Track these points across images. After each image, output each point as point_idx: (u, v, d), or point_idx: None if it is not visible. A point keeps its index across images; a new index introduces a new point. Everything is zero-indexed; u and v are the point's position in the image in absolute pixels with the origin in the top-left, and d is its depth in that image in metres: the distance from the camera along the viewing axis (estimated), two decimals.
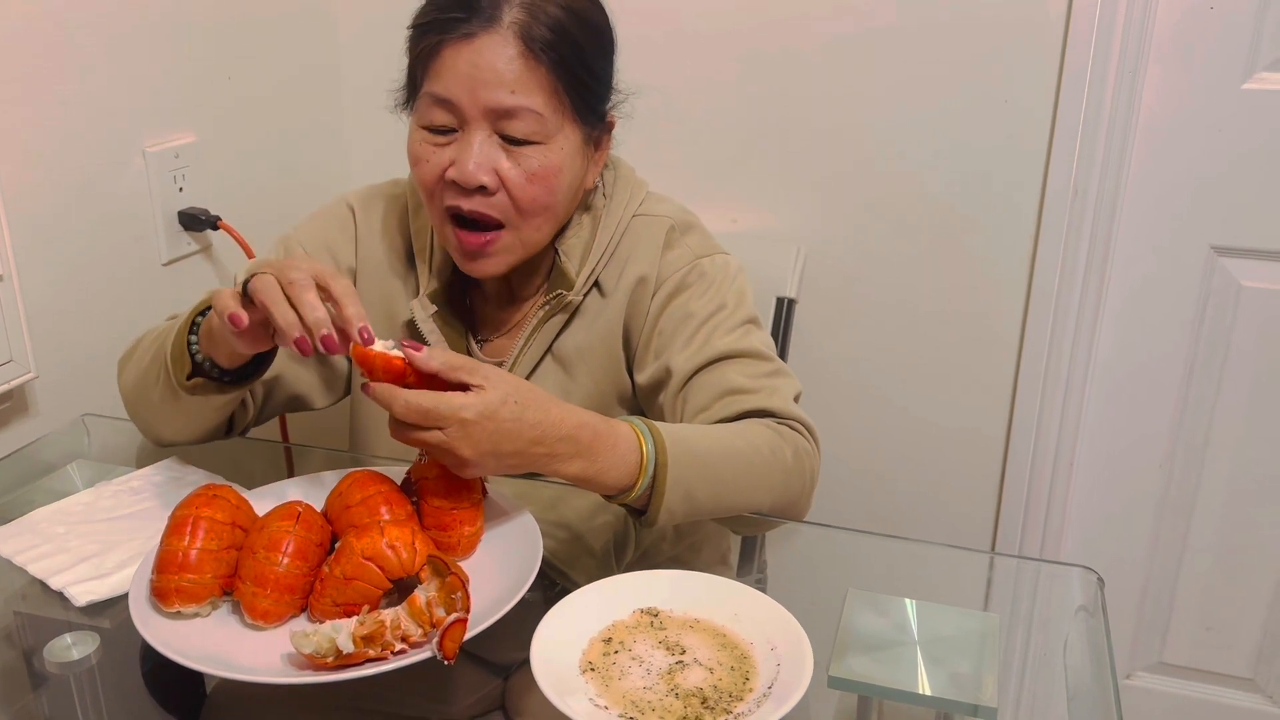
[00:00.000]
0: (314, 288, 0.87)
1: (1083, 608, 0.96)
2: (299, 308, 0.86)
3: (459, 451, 0.84)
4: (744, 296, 1.14)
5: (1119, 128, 1.50)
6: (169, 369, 1.01)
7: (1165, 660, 1.79)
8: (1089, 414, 1.68)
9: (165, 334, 1.04)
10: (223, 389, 1.03)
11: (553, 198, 1.05)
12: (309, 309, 0.86)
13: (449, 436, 0.84)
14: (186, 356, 1.01)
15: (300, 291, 0.86)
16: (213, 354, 1.00)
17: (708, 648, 0.81)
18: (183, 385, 1.01)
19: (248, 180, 1.58)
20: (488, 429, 0.84)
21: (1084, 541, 1.76)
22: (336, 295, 0.87)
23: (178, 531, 0.85)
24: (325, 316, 0.86)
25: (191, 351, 1.01)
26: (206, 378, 1.01)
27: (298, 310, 0.86)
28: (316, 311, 0.86)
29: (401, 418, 0.83)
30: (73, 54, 1.27)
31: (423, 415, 0.83)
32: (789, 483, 1.02)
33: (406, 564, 0.82)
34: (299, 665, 0.78)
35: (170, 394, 1.02)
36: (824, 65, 1.59)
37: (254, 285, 0.88)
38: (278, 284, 0.87)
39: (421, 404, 0.83)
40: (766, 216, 1.69)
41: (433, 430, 0.84)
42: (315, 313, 0.86)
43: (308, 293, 0.86)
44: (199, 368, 1.01)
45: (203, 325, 1.00)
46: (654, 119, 1.22)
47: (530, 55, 1.00)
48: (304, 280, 0.87)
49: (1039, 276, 1.59)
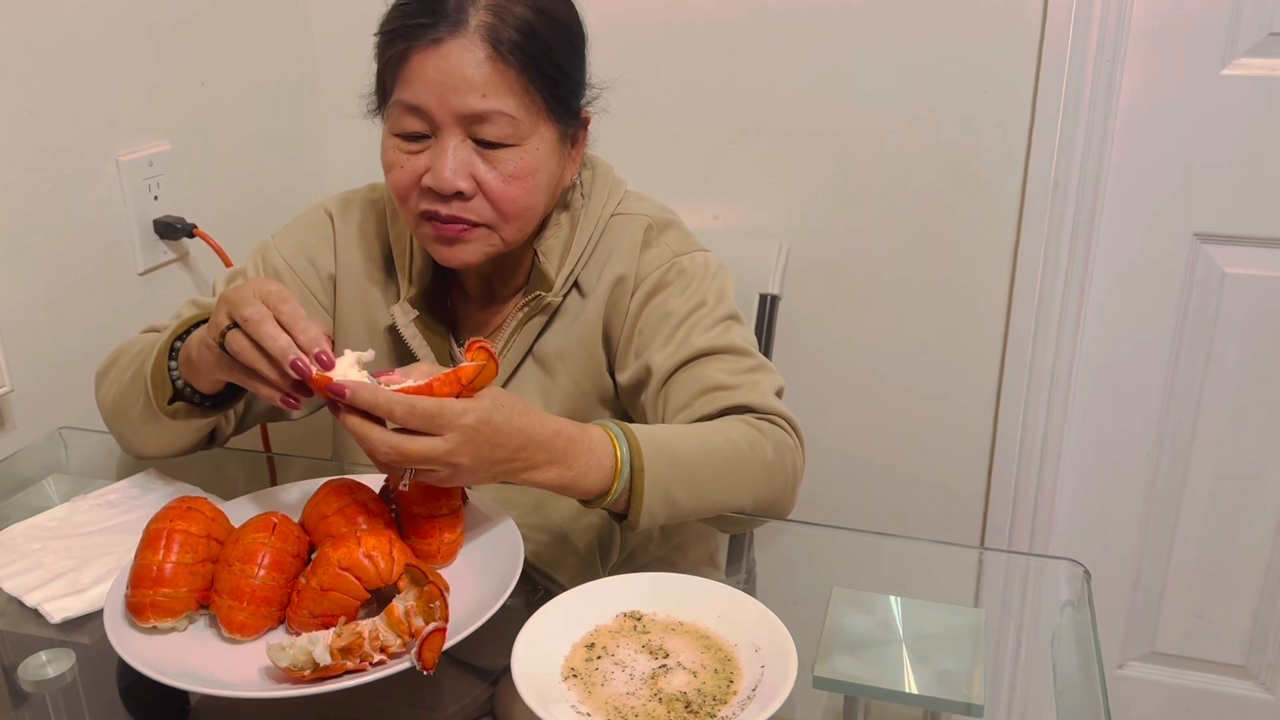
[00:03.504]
0: (270, 317, 0.85)
1: (1069, 601, 0.96)
2: (261, 341, 0.84)
3: (458, 459, 0.83)
4: (724, 293, 1.13)
5: (1099, 115, 1.50)
6: (149, 393, 1.00)
7: (1157, 649, 1.79)
8: (1075, 404, 1.68)
9: (144, 354, 1.03)
10: (205, 412, 1.03)
11: (532, 198, 1.05)
12: (270, 340, 0.84)
13: (449, 444, 0.82)
14: (168, 382, 1.00)
15: (257, 326, 0.85)
16: (193, 381, 0.99)
17: (691, 650, 0.80)
18: (164, 410, 1.00)
19: (224, 188, 1.57)
20: (485, 434, 0.83)
21: (1073, 531, 1.76)
22: (286, 323, 0.85)
23: (152, 545, 0.84)
24: (288, 344, 0.84)
25: (173, 378, 1.00)
26: (188, 402, 1.01)
27: (262, 346, 0.84)
28: (279, 341, 0.84)
29: (404, 423, 0.81)
30: (41, 61, 1.25)
31: (427, 420, 0.81)
32: (771, 480, 1.02)
33: (384, 574, 0.81)
34: (277, 678, 0.77)
35: (150, 416, 1.02)
36: (802, 57, 1.59)
37: (231, 346, 0.87)
38: (249, 341, 0.85)
39: (427, 408, 0.81)
40: (748, 212, 1.68)
41: (431, 439, 0.82)
42: (277, 343, 0.84)
43: (265, 324, 0.85)
44: (179, 393, 1.01)
45: (181, 353, 0.99)
46: (631, 116, 1.22)
47: (499, 58, 0.99)
48: (258, 313, 0.85)
49: (1022, 266, 1.59)
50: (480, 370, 0.85)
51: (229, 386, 1.01)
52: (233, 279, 1.17)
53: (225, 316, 0.87)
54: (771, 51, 1.60)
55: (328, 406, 0.85)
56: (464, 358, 0.85)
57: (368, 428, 0.82)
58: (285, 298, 0.87)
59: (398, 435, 0.82)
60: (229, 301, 0.87)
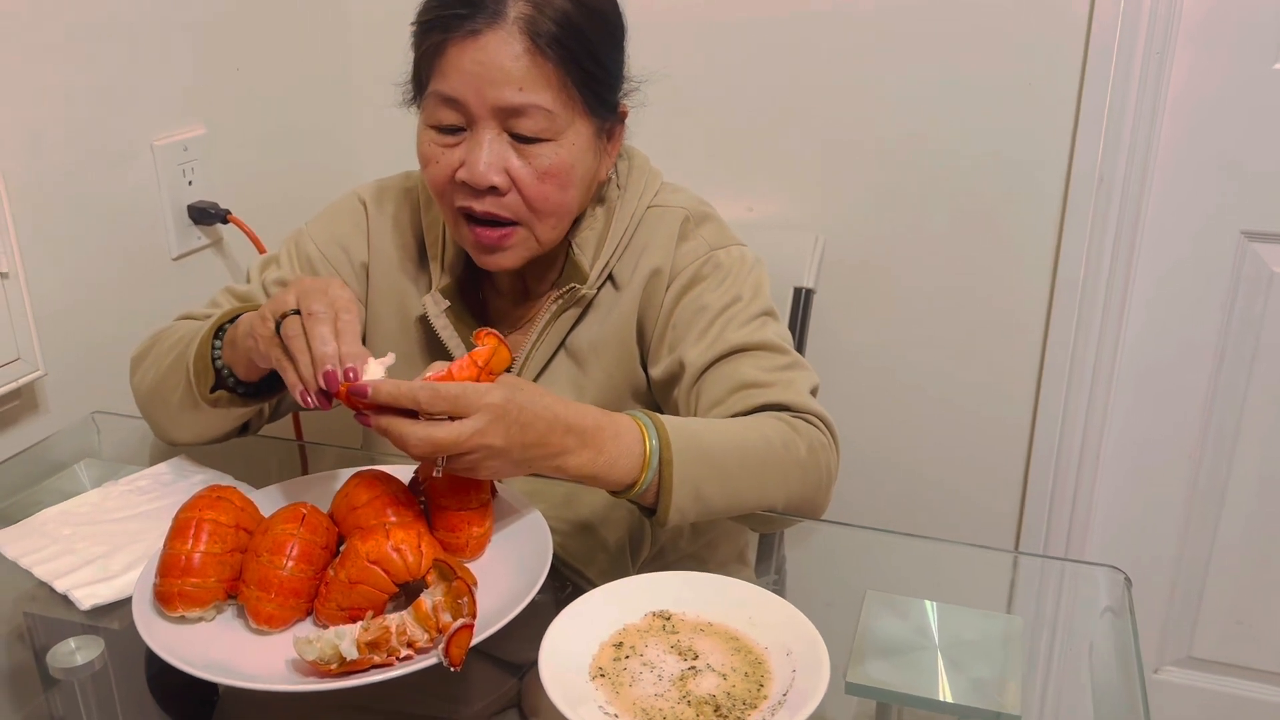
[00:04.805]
0: (330, 320, 0.87)
1: (1109, 608, 0.93)
2: (310, 340, 0.86)
3: (490, 440, 0.82)
4: (760, 288, 1.12)
5: (1146, 109, 1.47)
6: (191, 380, 1.01)
7: (1194, 654, 1.77)
8: (1116, 405, 1.65)
9: (186, 340, 1.04)
10: (245, 402, 1.03)
11: (565, 195, 1.03)
12: (319, 341, 0.86)
13: (478, 423, 0.81)
14: (210, 370, 1.00)
15: (315, 323, 0.86)
16: (232, 364, 1.00)
17: (721, 652, 0.79)
18: (205, 398, 1.01)
19: (258, 173, 1.57)
20: (513, 414, 0.83)
21: (1111, 533, 1.73)
22: (339, 329, 0.87)
23: (181, 535, 0.84)
24: (333, 353, 0.85)
25: (216, 365, 1.00)
26: (230, 391, 1.01)
27: (309, 342, 0.86)
28: (326, 346, 0.86)
29: (429, 408, 0.81)
30: (78, 46, 1.25)
31: (452, 402, 0.81)
32: (804, 479, 1.00)
33: (412, 568, 0.81)
34: (303, 671, 0.77)
35: (190, 403, 1.02)
36: (842, 48, 1.56)
37: (286, 330, 0.89)
38: (302, 330, 0.87)
39: (450, 390, 0.81)
40: (784, 204, 1.66)
41: (459, 422, 0.81)
42: (324, 347, 0.85)
43: (322, 326, 0.86)
44: (222, 381, 1.01)
45: (229, 333, 1.00)
46: (668, 107, 1.20)
47: (537, 51, 0.97)
48: (322, 312, 0.87)
49: (1064, 263, 1.56)
50: (494, 352, 0.85)
51: (267, 378, 1.01)
52: (265, 266, 1.18)
53: (294, 300, 0.89)
54: (811, 46, 1.58)
55: (356, 419, 0.85)
56: (475, 345, 0.86)
57: (398, 423, 0.82)
58: (349, 308, 0.88)
59: (427, 425, 0.82)
60: (302, 289, 0.89)
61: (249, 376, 1.00)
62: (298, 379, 0.87)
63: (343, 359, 0.85)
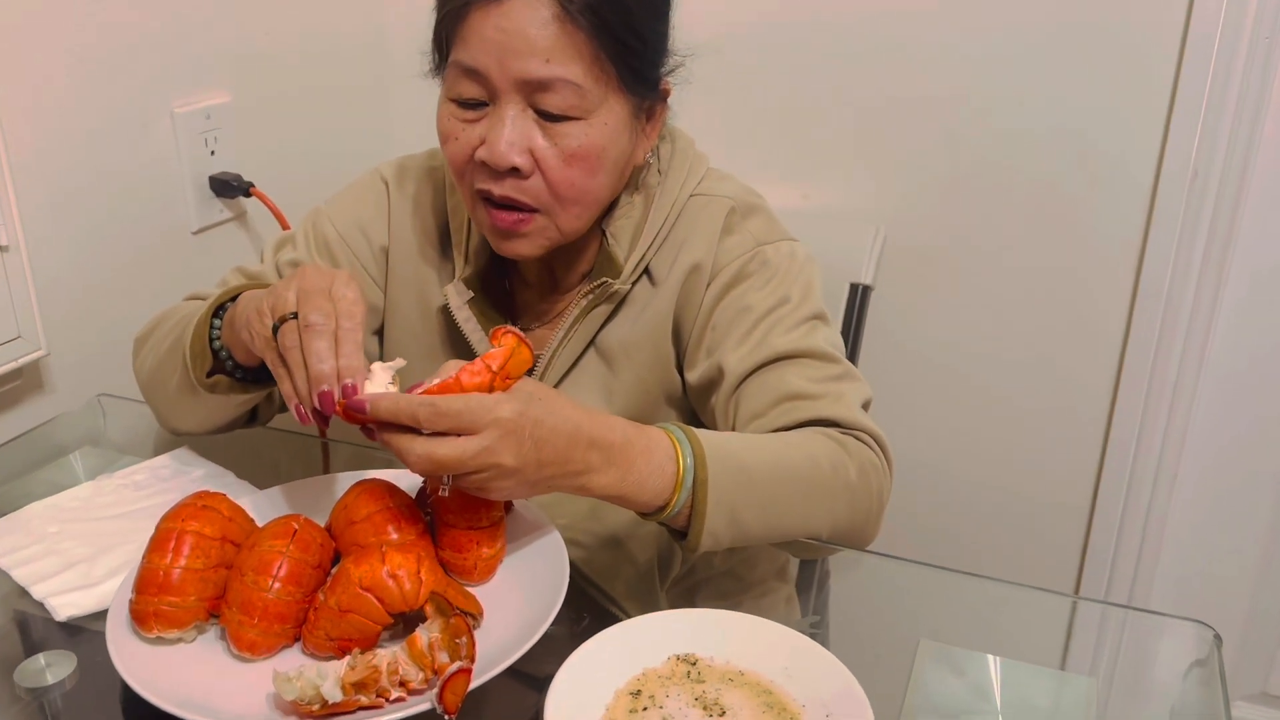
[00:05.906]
0: (330, 333, 0.81)
1: (1195, 667, 0.83)
2: (306, 356, 0.80)
3: (499, 459, 0.74)
4: (811, 289, 1.04)
5: (1250, 101, 1.38)
6: (188, 364, 0.96)
7: (1269, 690, 1.68)
8: (1197, 419, 1.56)
9: (185, 322, 0.99)
10: (245, 388, 0.97)
11: (592, 180, 0.95)
12: (316, 359, 0.80)
13: (484, 441, 0.74)
14: (208, 353, 0.95)
15: (313, 337, 0.81)
16: (232, 347, 0.94)
17: (751, 708, 0.71)
18: (201, 383, 0.96)
19: (285, 145, 1.52)
20: (526, 429, 0.75)
21: (1184, 559, 1.65)
22: (338, 338, 0.81)
23: (160, 547, 0.77)
24: (330, 371, 0.80)
25: (214, 347, 0.95)
26: (228, 376, 0.96)
27: (305, 357, 0.81)
28: (323, 364, 0.80)
29: (430, 426, 0.73)
30: (92, 2, 1.19)
31: (454, 419, 0.73)
32: (854, 505, 0.92)
33: (409, 597, 0.73)
34: (284, 710, 0.70)
35: (188, 388, 0.97)
36: (908, 21, 1.48)
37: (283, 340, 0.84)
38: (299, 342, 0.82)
39: (451, 406, 0.73)
40: (841, 192, 1.59)
41: (462, 439, 0.74)
42: (321, 365, 0.80)
43: (320, 341, 0.81)
44: (220, 365, 0.96)
45: (228, 314, 0.94)
46: (715, 85, 1.12)
47: (567, 18, 0.89)
48: (321, 324, 0.81)
49: (1149, 265, 1.48)
50: (511, 355, 0.77)
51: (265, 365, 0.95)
52: (281, 246, 1.13)
53: (294, 299, 0.83)
54: (876, 15, 1.49)
55: (362, 431, 0.79)
56: (492, 347, 0.78)
57: (398, 439, 0.75)
58: (351, 313, 0.83)
59: (428, 440, 0.74)
60: (303, 289, 0.83)
61: (249, 361, 0.94)
62: (293, 392, 0.82)
63: (340, 373, 0.79)
